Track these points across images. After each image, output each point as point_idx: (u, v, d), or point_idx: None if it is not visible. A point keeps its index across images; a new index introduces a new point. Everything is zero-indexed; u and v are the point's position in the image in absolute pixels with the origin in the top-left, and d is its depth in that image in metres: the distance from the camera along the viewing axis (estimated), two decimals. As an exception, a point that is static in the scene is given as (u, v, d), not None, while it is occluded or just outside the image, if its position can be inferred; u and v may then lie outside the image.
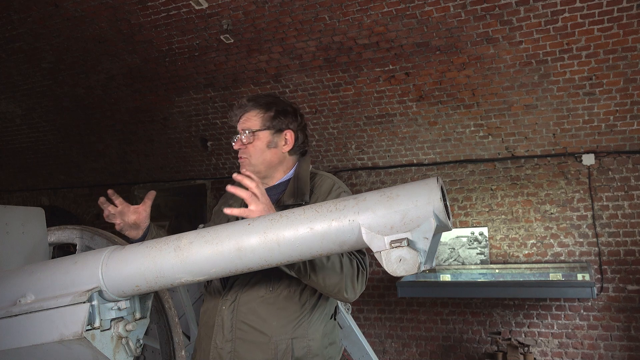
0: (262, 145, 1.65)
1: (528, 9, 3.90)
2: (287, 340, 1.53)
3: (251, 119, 1.67)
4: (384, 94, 4.98)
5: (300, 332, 1.56)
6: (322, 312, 1.63)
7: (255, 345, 1.54)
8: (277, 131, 1.66)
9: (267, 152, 1.65)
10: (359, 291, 1.53)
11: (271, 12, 4.25)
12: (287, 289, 1.57)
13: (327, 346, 1.62)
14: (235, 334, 1.56)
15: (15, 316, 1.20)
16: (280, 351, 1.52)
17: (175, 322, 2.17)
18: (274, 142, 1.66)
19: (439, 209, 1.06)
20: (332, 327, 1.68)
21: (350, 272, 1.49)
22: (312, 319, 1.59)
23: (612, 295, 4.89)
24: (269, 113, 1.67)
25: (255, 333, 1.55)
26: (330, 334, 1.66)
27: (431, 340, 5.54)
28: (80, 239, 2.01)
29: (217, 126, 5.94)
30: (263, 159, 1.65)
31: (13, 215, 1.56)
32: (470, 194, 5.48)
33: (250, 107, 1.68)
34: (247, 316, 1.56)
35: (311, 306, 1.60)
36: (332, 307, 1.70)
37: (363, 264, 1.54)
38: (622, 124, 4.67)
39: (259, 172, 1.65)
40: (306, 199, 1.58)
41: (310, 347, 1.56)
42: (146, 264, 1.21)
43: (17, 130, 6.81)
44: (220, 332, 1.58)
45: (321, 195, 1.62)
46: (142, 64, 5.20)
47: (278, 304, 1.56)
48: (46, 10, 4.59)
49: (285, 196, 1.62)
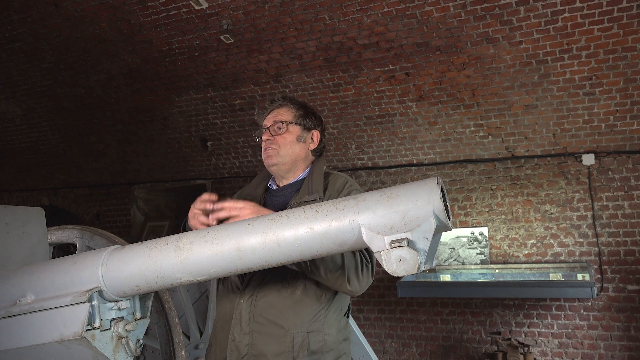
0: (292, 137, 1.73)
1: (528, 9, 3.90)
2: (303, 333, 1.57)
3: (284, 114, 1.76)
4: (384, 94, 4.98)
5: (317, 326, 1.59)
6: (337, 308, 1.67)
7: (272, 338, 1.57)
8: (306, 129, 1.77)
9: (296, 146, 1.73)
10: (365, 284, 1.56)
11: (271, 12, 4.25)
12: (303, 284, 1.60)
13: (341, 341, 1.66)
14: (253, 327, 1.59)
15: (15, 316, 1.21)
16: (296, 344, 1.55)
17: (175, 322, 2.17)
18: (303, 137, 1.75)
19: (439, 209, 1.06)
20: (345, 323, 1.72)
21: (352, 264, 1.52)
22: (328, 313, 1.62)
23: (612, 295, 4.89)
24: (300, 111, 1.78)
25: (272, 326, 1.58)
26: (344, 330, 1.69)
27: (431, 340, 5.54)
28: (80, 239, 2.02)
29: (217, 126, 5.94)
30: (292, 151, 1.72)
31: (13, 215, 1.56)
32: (470, 194, 5.48)
33: (282, 104, 1.79)
34: (265, 310, 1.59)
35: (327, 301, 1.63)
36: (346, 304, 1.74)
37: (367, 257, 1.57)
38: (622, 124, 4.67)
39: (285, 164, 1.73)
40: (321, 195, 1.63)
41: (326, 342, 1.59)
42: (146, 264, 1.21)
43: (17, 130, 6.81)
44: (238, 325, 1.61)
45: (334, 193, 1.66)
46: (142, 64, 5.20)
47: (295, 297, 1.59)
48: (46, 10, 4.59)
49: (300, 193, 1.67)
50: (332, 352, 1.60)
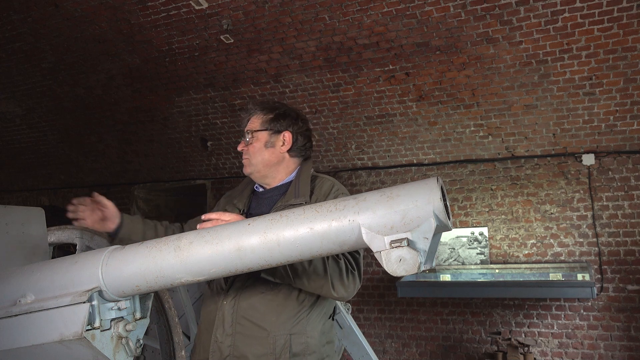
0: (260, 145, 1.74)
1: (528, 9, 3.90)
2: (285, 335, 1.58)
3: (253, 122, 1.79)
4: (384, 94, 4.98)
5: (299, 329, 1.60)
6: (321, 311, 1.68)
7: (254, 340, 1.59)
8: (275, 132, 1.75)
9: (265, 152, 1.74)
10: (352, 289, 1.58)
11: (271, 12, 4.25)
12: (286, 287, 1.61)
13: (324, 344, 1.67)
14: (236, 328, 1.61)
15: (15, 316, 1.20)
16: (278, 346, 1.57)
17: (175, 322, 2.17)
18: (270, 142, 1.75)
19: (439, 209, 1.06)
20: (330, 326, 1.73)
21: (336, 272, 1.54)
22: (310, 316, 1.64)
23: (612, 295, 4.89)
24: (268, 115, 1.77)
25: (254, 328, 1.60)
26: (328, 333, 1.70)
27: (431, 340, 5.54)
28: (80, 239, 2.01)
29: (217, 126, 5.94)
30: (262, 159, 1.74)
31: (13, 215, 1.56)
32: (470, 194, 5.48)
33: (254, 111, 1.80)
34: (248, 311, 1.61)
35: (310, 304, 1.64)
36: (330, 307, 1.75)
37: (352, 262, 1.58)
38: (622, 124, 4.67)
39: (258, 171, 1.75)
40: (307, 199, 1.64)
41: (308, 344, 1.61)
42: (146, 264, 1.21)
43: (17, 130, 6.81)
44: (220, 326, 1.63)
45: (321, 196, 1.68)
46: (142, 64, 5.20)
47: (278, 300, 1.61)
48: (46, 10, 4.59)
49: (286, 196, 1.69)
50: (314, 355, 1.61)
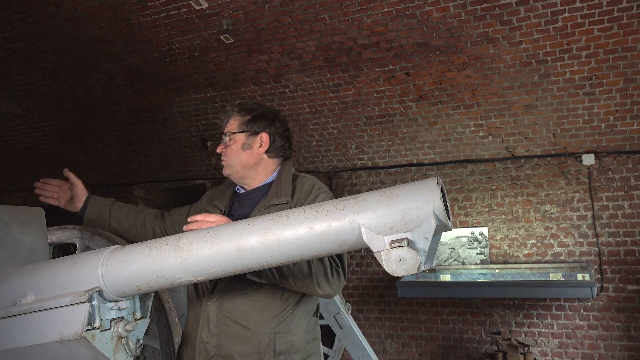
0: (237, 147, 1.75)
1: (528, 9, 3.90)
2: (269, 334, 1.60)
3: (231, 124, 1.79)
4: (384, 94, 4.98)
5: (283, 328, 1.62)
6: (305, 309, 1.70)
7: (239, 339, 1.61)
8: (252, 134, 1.75)
9: (242, 154, 1.74)
10: (337, 287, 1.60)
11: (271, 12, 4.25)
12: (270, 286, 1.62)
13: (309, 342, 1.69)
14: (220, 328, 1.63)
15: (15, 316, 1.21)
16: (263, 345, 1.59)
17: (175, 322, 2.17)
18: (247, 144, 1.75)
19: (439, 209, 1.06)
20: (314, 323, 1.75)
21: (321, 270, 1.56)
22: (295, 315, 1.65)
23: (612, 295, 4.89)
24: (245, 117, 1.77)
25: (239, 328, 1.61)
26: (312, 330, 1.72)
27: (431, 340, 5.54)
28: (80, 239, 2.02)
29: (217, 126, 5.92)
30: (239, 160, 1.75)
31: (13, 215, 1.56)
32: (470, 194, 5.48)
33: (232, 113, 1.81)
34: (232, 312, 1.63)
35: (294, 302, 1.66)
36: (315, 304, 1.77)
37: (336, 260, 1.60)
38: (622, 124, 4.67)
39: (237, 172, 1.76)
40: (289, 199, 1.66)
41: (293, 342, 1.63)
42: (146, 264, 1.21)
43: (17, 130, 6.81)
44: (205, 326, 1.65)
45: (302, 196, 1.69)
46: (142, 64, 5.19)
47: (261, 300, 1.62)
48: (46, 10, 4.59)
49: (268, 197, 1.70)
50: (299, 353, 1.63)
